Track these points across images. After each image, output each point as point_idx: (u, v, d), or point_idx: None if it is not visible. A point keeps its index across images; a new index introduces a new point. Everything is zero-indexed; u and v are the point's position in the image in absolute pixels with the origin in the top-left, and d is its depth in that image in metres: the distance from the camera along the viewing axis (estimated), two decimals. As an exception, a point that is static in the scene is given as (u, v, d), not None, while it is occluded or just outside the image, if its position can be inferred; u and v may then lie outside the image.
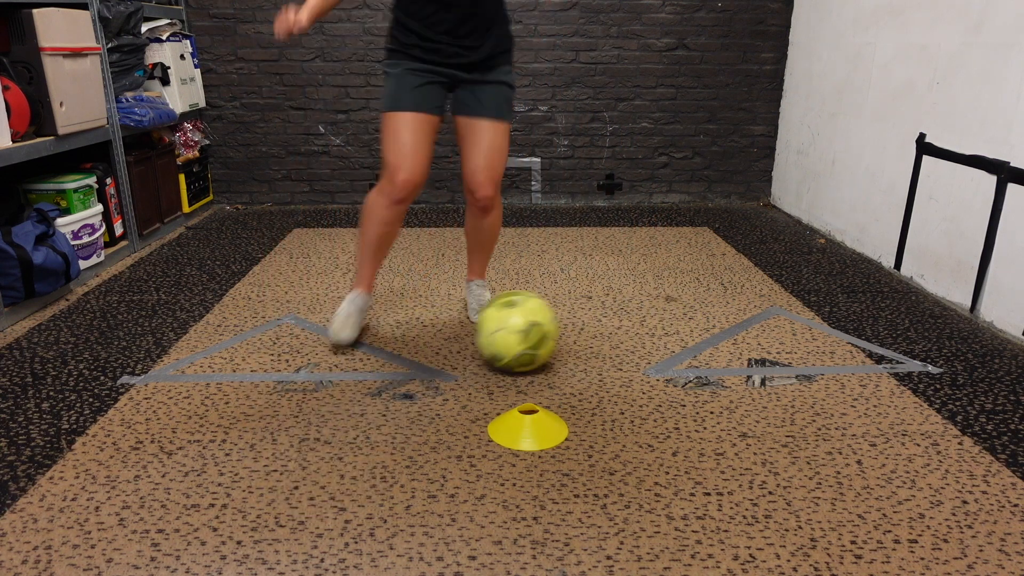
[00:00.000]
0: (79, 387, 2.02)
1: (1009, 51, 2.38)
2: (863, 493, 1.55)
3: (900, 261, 3.01)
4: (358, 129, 4.13)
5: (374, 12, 3.94)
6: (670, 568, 1.32)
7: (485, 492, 1.55)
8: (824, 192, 3.66)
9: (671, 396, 1.97)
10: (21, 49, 2.60)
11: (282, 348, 2.28)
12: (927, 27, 2.80)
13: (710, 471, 1.63)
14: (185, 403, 1.93)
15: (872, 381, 2.06)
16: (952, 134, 2.67)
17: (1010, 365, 2.16)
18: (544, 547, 1.38)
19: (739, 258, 3.24)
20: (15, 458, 1.67)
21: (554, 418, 1.81)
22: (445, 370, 2.13)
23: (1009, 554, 1.36)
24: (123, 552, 1.37)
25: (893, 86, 3.04)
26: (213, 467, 1.64)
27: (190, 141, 3.81)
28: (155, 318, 2.53)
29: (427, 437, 1.76)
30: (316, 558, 1.35)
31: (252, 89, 4.05)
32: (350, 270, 3.05)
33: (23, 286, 2.43)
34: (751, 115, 4.19)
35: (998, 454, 1.69)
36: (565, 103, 4.12)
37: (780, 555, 1.36)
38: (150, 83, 3.53)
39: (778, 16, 4.02)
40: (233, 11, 3.92)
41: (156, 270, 3.05)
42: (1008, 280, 2.39)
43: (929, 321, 2.51)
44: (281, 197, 4.26)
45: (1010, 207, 2.37)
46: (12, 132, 2.50)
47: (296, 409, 1.90)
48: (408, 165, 2.10)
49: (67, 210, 2.81)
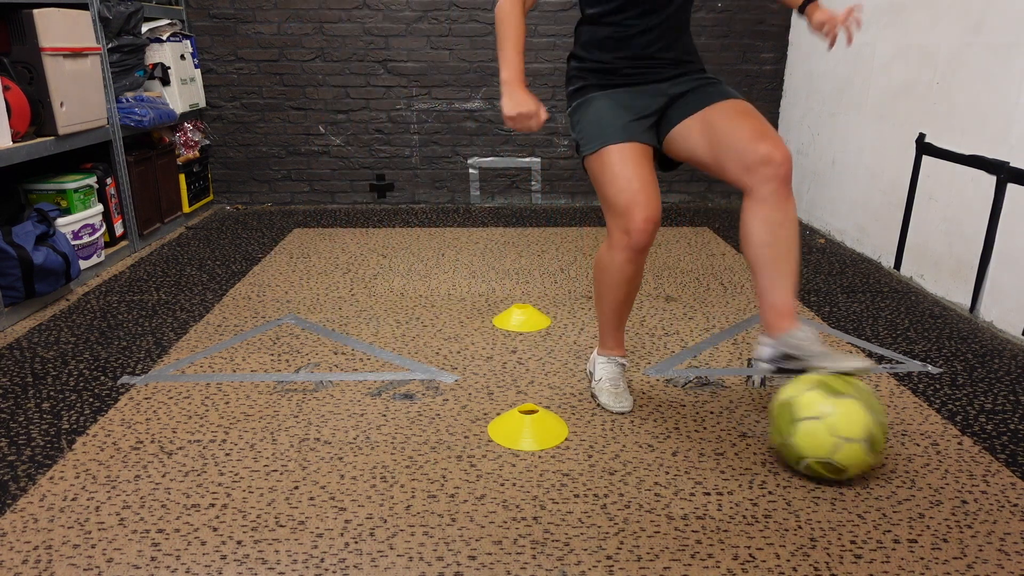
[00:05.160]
0: (79, 387, 2.02)
1: (1009, 51, 2.38)
2: (863, 493, 1.55)
3: (900, 261, 3.01)
4: (358, 129, 4.14)
5: (374, 12, 3.94)
6: (670, 568, 1.32)
7: (485, 492, 1.55)
8: (824, 192, 3.66)
9: (671, 396, 1.97)
10: (21, 49, 2.60)
11: (282, 348, 2.28)
12: (927, 27, 2.80)
13: (710, 471, 1.63)
14: (185, 403, 1.93)
15: (872, 381, 2.06)
16: (952, 134, 2.67)
17: (1010, 365, 2.16)
18: (544, 547, 1.38)
19: (739, 258, 3.24)
20: (15, 458, 1.68)
21: (554, 418, 1.81)
22: (445, 370, 2.13)
23: (1008, 554, 1.36)
24: (123, 552, 1.37)
25: (893, 86, 3.04)
26: (213, 467, 1.64)
27: (190, 141, 3.81)
28: (155, 318, 2.53)
29: (427, 437, 1.76)
30: (316, 558, 1.35)
31: (252, 89, 4.05)
32: (350, 270, 3.05)
33: (23, 286, 2.43)
34: (751, 115, 4.18)
35: (998, 454, 1.70)
36: (565, 103, 4.11)
37: (780, 555, 1.36)
38: (150, 83, 3.54)
39: (778, 16, 4.02)
40: (233, 11, 3.92)
41: (156, 270, 3.05)
42: (1008, 280, 2.39)
43: (929, 321, 2.51)
44: (281, 197, 4.26)
45: (1010, 207, 2.37)
46: (12, 132, 2.50)
47: (296, 409, 1.90)
48: (643, 200, 1.67)
49: (67, 210, 2.81)
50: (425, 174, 4.23)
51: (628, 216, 1.68)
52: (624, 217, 1.69)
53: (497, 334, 2.40)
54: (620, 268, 1.76)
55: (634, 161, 1.70)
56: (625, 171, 1.69)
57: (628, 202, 1.68)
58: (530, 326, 2.44)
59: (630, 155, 1.71)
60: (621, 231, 1.70)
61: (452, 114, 4.13)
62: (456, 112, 4.12)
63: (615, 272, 1.78)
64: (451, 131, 4.15)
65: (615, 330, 1.92)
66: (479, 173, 4.23)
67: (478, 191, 4.27)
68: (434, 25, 3.97)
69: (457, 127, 4.15)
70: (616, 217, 1.71)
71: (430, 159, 4.20)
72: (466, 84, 4.07)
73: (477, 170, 4.23)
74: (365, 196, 4.27)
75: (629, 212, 1.68)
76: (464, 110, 4.12)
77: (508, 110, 1.63)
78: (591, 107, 1.79)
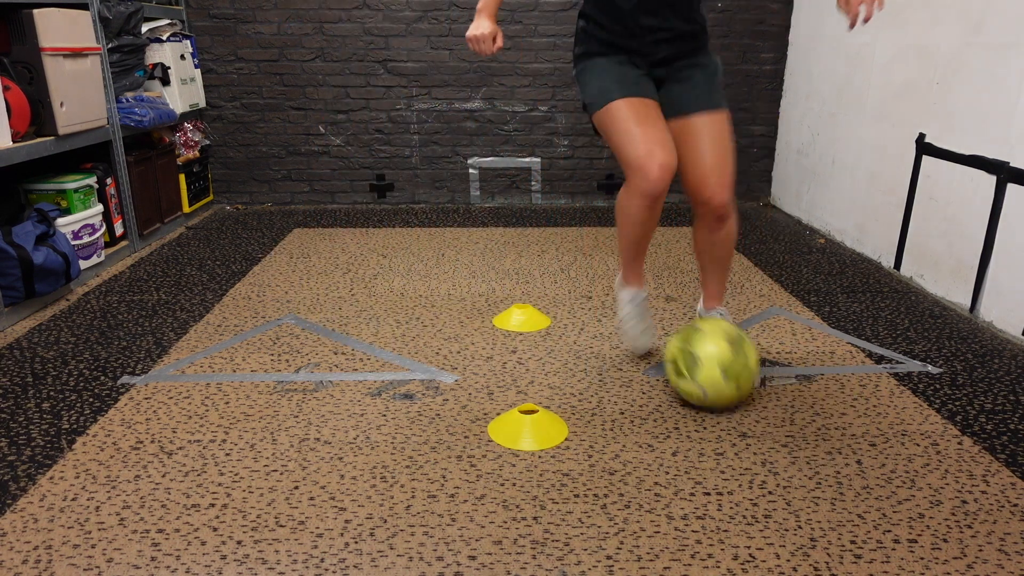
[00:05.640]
0: (79, 387, 2.02)
1: (1009, 51, 2.38)
2: (863, 493, 1.55)
3: (900, 261, 3.01)
4: (358, 129, 4.14)
5: (374, 12, 3.94)
6: (670, 568, 1.32)
7: (485, 492, 1.55)
8: (824, 192, 3.66)
9: (671, 396, 1.97)
10: (22, 49, 2.60)
11: (282, 348, 2.28)
12: (927, 27, 2.80)
13: (710, 471, 1.63)
14: (185, 403, 1.93)
15: (872, 381, 2.06)
16: (952, 134, 2.67)
17: (1009, 365, 2.16)
18: (544, 547, 1.38)
19: (739, 258, 3.24)
20: (15, 458, 1.68)
21: (554, 418, 1.81)
22: (445, 370, 2.13)
23: (1008, 554, 1.36)
24: (123, 552, 1.37)
25: (893, 86, 3.04)
26: (213, 467, 1.64)
27: (190, 141, 3.81)
28: (155, 318, 2.53)
29: (427, 437, 1.76)
30: (316, 558, 1.35)
31: (252, 89, 4.05)
32: (350, 270, 3.05)
33: (23, 286, 2.43)
34: (751, 115, 4.19)
35: (998, 454, 1.70)
36: (565, 103, 4.12)
37: (780, 555, 1.36)
38: (150, 83, 3.54)
39: (778, 16, 4.02)
40: (233, 11, 3.92)
41: (156, 270, 3.05)
42: (1008, 280, 2.39)
43: (929, 321, 2.51)
44: (281, 197, 4.26)
45: (1010, 207, 2.37)
46: (12, 132, 2.50)
47: (296, 409, 1.90)
48: (655, 151, 1.78)
49: (67, 210, 2.81)
50: (425, 174, 4.23)
51: (643, 168, 1.79)
52: (640, 169, 1.79)
53: (497, 334, 2.40)
54: (637, 212, 1.89)
55: (641, 113, 1.81)
56: (634, 125, 1.80)
57: (641, 154, 1.78)
58: (530, 326, 2.44)
59: (637, 108, 1.82)
60: (639, 176, 1.80)
61: (452, 114, 4.13)
62: (456, 112, 4.12)
63: (633, 214, 1.91)
64: (451, 131, 4.15)
65: (634, 262, 2.09)
66: (479, 173, 4.23)
67: (478, 191, 4.27)
68: (434, 25, 3.97)
69: (457, 127, 4.15)
70: (631, 169, 1.81)
71: (430, 159, 4.20)
72: (466, 84, 4.07)
73: (477, 170, 4.23)
74: (365, 196, 4.27)
75: (643, 165, 1.78)
76: (464, 110, 4.12)
77: (469, 32, 1.84)
78: (594, 68, 1.90)
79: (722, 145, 1.89)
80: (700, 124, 1.88)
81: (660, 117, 1.86)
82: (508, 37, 3.99)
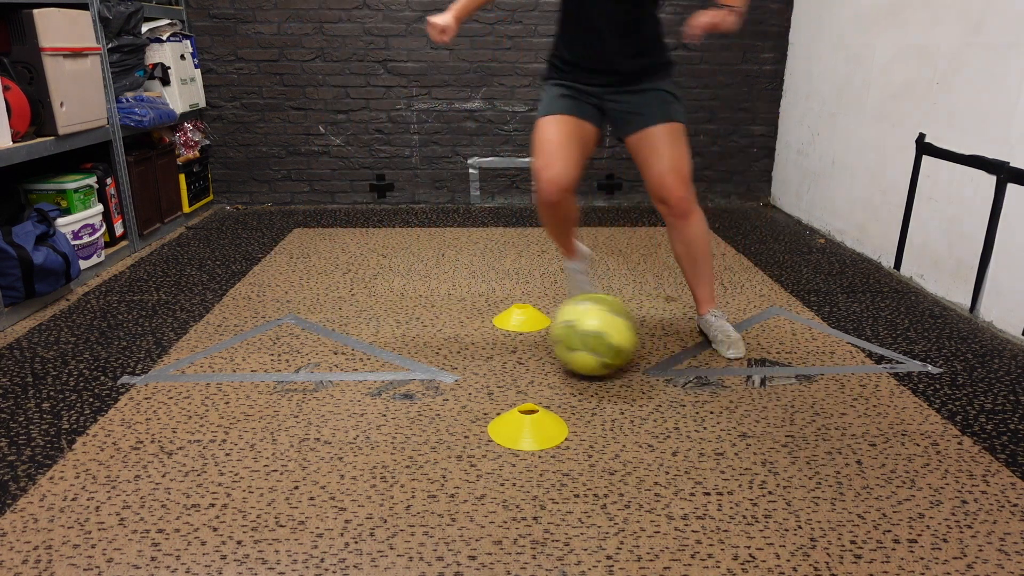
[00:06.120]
0: (79, 387, 2.02)
1: (1009, 51, 2.38)
2: (863, 493, 1.55)
3: (900, 261, 3.01)
4: (358, 129, 4.14)
5: (374, 12, 3.94)
6: (670, 568, 1.32)
7: (485, 492, 1.55)
8: (824, 192, 3.66)
9: (671, 396, 1.97)
10: (21, 49, 2.60)
11: (282, 348, 2.28)
12: (927, 27, 2.80)
13: (710, 471, 1.63)
14: (185, 403, 1.93)
15: (872, 381, 2.06)
16: (952, 134, 2.67)
17: (1009, 365, 2.16)
18: (544, 547, 1.38)
19: (739, 258, 3.24)
20: (15, 458, 1.68)
21: (554, 418, 1.81)
22: (445, 370, 2.13)
23: (1008, 554, 1.36)
24: (123, 552, 1.37)
25: (893, 86, 3.04)
26: (213, 467, 1.64)
27: (190, 141, 3.81)
28: (155, 318, 2.53)
29: (427, 437, 1.77)
30: (316, 558, 1.35)
31: (252, 89, 4.05)
32: (350, 270, 3.06)
33: (23, 286, 2.43)
34: (751, 115, 4.19)
35: (998, 454, 1.70)
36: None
37: (780, 555, 1.36)
38: (150, 83, 3.54)
39: (778, 16, 4.02)
40: (233, 11, 3.92)
41: (156, 270, 3.05)
42: (1008, 280, 2.39)
43: (929, 321, 2.51)
44: (281, 197, 4.26)
45: (1010, 207, 2.37)
46: (12, 132, 2.50)
47: (296, 409, 1.90)
48: (551, 164, 2.02)
49: (67, 210, 2.81)
50: (425, 174, 4.23)
51: (537, 176, 2.04)
52: (536, 178, 2.05)
53: (497, 334, 2.40)
54: (542, 212, 2.13)
55: (557, 130, 2.04)
56: (545, 138, 2.04)
57: (539, 165, 2.04)
58: (530, 326, 2.44)
59: (555, 125, 2.04)
60: (537, 186, 2.06)
61: (452, 114, 4.13)
62: (456, 112, 4.12)
63: (540, 214, 2.15)
64: (451, 131, 4.16)
65: (563, 244, 2.31)
66: (479, 173, 4.23)
67: (478, 191, 4.27)
68: (434, 25, 3.96)
69: (457, 127, 4.15)
70: (534, 176, 2.07)
71: (430, 159, 4.20)
72: (466, 84, 4.07)
73: (477, 170, 4.23)
74: (365, 196, 4.27)
75: (538, 173, 2.04)
76: (464, 110, 4.12)
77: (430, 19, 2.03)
78: (545, 92, 2.14)
79: (677, 148, 2.06)
80: (654, 133, 2.05)
81: (577, 137, 2.06)
82: (508, 37, 4.00)
